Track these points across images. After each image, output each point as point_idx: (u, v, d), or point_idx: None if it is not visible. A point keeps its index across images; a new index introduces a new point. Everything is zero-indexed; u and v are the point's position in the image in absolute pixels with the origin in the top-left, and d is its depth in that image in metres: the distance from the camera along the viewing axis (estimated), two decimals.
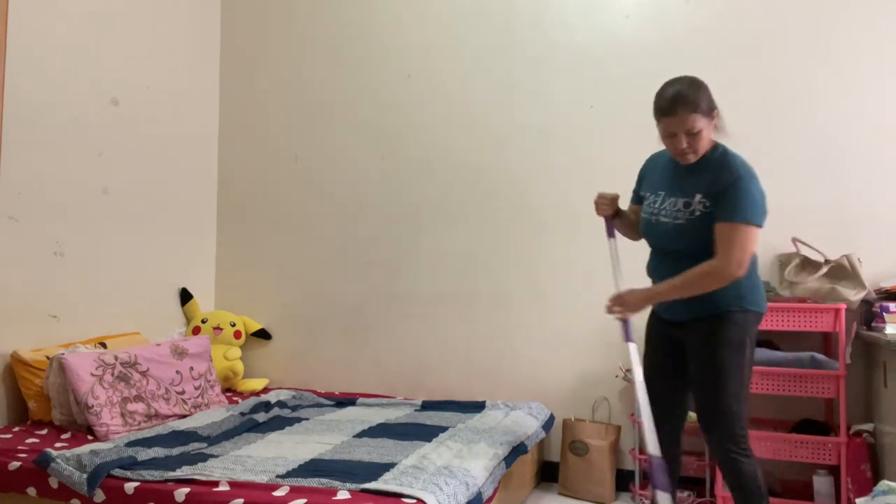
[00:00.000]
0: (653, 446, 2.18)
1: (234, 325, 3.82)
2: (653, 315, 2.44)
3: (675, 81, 2.19)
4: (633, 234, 2.51)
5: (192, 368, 3.19)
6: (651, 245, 2.36)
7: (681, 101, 2.13)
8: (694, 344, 2.25)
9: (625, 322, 2.32)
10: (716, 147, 2.25)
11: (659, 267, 2.31)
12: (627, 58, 3.42)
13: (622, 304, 2.28)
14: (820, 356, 2.82)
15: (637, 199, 2.48)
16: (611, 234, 2.46)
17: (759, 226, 2.11)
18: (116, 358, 2.90)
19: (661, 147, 2.32)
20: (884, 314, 2.71)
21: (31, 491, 2.34)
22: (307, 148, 3.96)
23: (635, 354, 2.27)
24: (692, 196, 2.20)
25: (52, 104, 3.03)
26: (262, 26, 4.07)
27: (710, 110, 2.16)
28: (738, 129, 3.26)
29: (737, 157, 2.22)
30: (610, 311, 2.29)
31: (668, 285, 2.20)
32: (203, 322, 3.80)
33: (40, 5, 2.98)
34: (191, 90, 3.89)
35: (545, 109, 3.51)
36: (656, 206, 2.29)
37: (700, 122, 2.13)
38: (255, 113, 4.06)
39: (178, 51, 3.79)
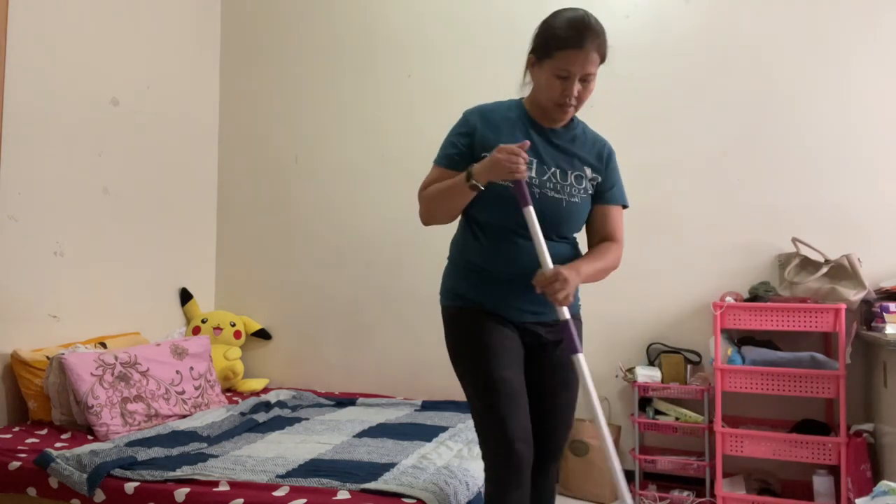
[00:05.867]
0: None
1: (234, 325, 3.82)
2: (488, 316, 1.80)
3: (573, 9, 1.77)
4: (453, 213, 1.85)
5: (192, 368, 3.19)
6: (512, 224, 1.77)
7: (592, 33, 1.70)
8: (559, 351, 1.83)
9: (566, 324, 1.72)
10: None
11: (523, 252, 1.77)
12: (627, 58, 3.41)
13: (565, 284, 1.66)
14: (820, 356, 2.82)
15: (461, 161, 1.81)
16: (527, 201, 1.72)
17: None
18: (116, 358, 2.90)
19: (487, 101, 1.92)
20: (884, 314, 2.71)
21: (31, 491, 2.34)
22: (307, 148, 3.96)
23: (585, 367, 1.72)
24: (582, 169, 1.83)
25: (52, 104, 3.03)
26: (262, 26, 4.07)
27: (604, 61, 1.78)
28: (737, 128, 3.29)
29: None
30: (553, 293, 1.66)
31: (592, 263, 1.78)
32: (203, 322, 3.80)
33: (40, 5, 2.98)
34: (191, 90, 3.89)
35: None
36: (532, 174, 1.78)
37: (596, 69, 1.75)
38: (255, 113, 4.06)
39: (178, 51, 3.79)
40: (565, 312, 1.71)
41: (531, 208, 1.71)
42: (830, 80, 3.15)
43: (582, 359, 1.71)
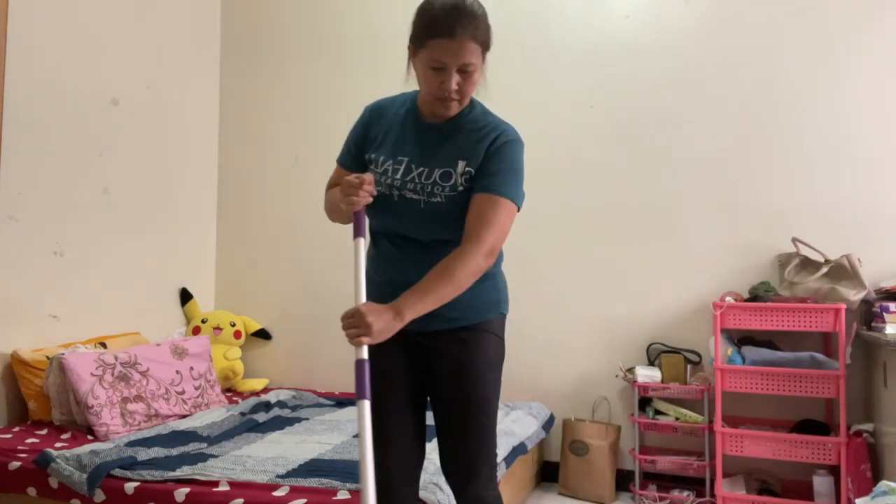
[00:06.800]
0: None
1: (234, 325, 3.82)
2: None
3: None
4: (342, 222, 1.80)
5: (192, 368, 3.19)
6: (384, 228, 1.73)
7: (465, 20, 1.54)
8: (446, 364, 1.69)
9: (360, 365, 1.50)
10: (472, 104, 1.72)
11: (395, 261, 1.70)
12: (627, 58, 3.42)
13: (365, 325, 1.46)
14: (820, 356, 2.82)
15: (352, 160, 1.80)
16: (360, 233, 1.65)
17: (518, 207, 1.65)
18: (116, 358, 2.90)
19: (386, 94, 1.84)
20: (884, 314, 2.71)
21: (31, 491, 2.35)
22: (307, 148, 3.96)
23: (368, 413, 1.48)
24: (453, 165, 1.65)
25: (52, 104, 3.03)
26: (262, 26, 4.07)
27: (488, 48, 1.63)
28: (737, 128, 3.29)
29: (498, 117, 1.74)
30: (350, 335, 1.48)
31: (421, 295, 1.52)
32: (203, 322, 3.80)
33: (40, 5, 2.98)
34: (191, 90, 3.89)
35: (545, 109, 3.51)
36: (397, 176, 1.67)
37: (478, 59, 1.59)
38: (255, 113, 4.06)
39: (177, 51, 3.79)
40: (361, 352, 1.49)
41: (360, 240, 1.62)
42: (830, 79, 3.15)
43: (365, 406, 1.47)
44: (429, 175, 1.65)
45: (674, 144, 3.34)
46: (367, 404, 1.48)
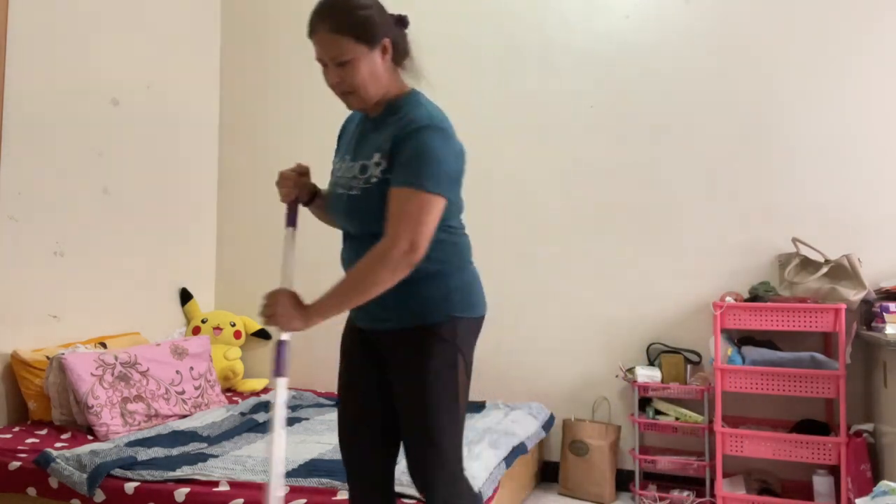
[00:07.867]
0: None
1: (234, 325, 3.82)
2: (348, 321, 1.85)
3: None
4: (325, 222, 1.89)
5: (192, 368, 3.19)
6: (344, 228, 1.77)
7: (319, 17, 1.57)
8: (391, 368, 1.67)
9: (280, 345, 1.67)
10: (409, 93, 1.70)
11: (344, 255, 1.76)
12: (627, 58, 3.42)
13: (272, 309, 1.61)
14: (820, 356, 2.82)
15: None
16: (291, 223, 1.79)
17: (440, 194, 1.55)
18: (116, 358, 2.90)
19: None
20: (884, 314, 2.71)
21: (31, 491, 2.35)
22: (307, 148, 3.95)
23: (283, 392, 1.64)
24: (370, 157, 1.62)
25: (52, 104, 3.03)
26: (262, 26, 4.07)
27: (370, 36, 1.56)
28: (737, 128, 3.29)
29: (431, 105, 1.67)
30: (265, 315, 1.63)
31: (332, 293, 1.60)
32: (203, 322, 3.80)
33: (40, 5, 2.98)
34: (191, 90, 3.89)
35: (545, 109, 3.51)
36: (339, 174, 1.72)
37: (351, 49, 1.55)
38: (255, 113, 4.05)
39: (177, 50, 3.79)
40: (281, 334, 1.67)
41: (291, 230, 1.78)
42: (830, 79, 3.15)
43: (281, 383, 1.64)
44: (350, 169, 1.67)
45: (674, 144, 3.34)
46: (281, 381, 1.64)
